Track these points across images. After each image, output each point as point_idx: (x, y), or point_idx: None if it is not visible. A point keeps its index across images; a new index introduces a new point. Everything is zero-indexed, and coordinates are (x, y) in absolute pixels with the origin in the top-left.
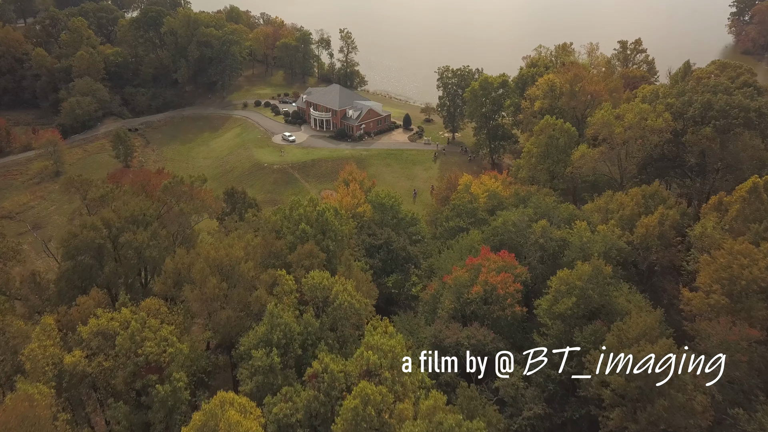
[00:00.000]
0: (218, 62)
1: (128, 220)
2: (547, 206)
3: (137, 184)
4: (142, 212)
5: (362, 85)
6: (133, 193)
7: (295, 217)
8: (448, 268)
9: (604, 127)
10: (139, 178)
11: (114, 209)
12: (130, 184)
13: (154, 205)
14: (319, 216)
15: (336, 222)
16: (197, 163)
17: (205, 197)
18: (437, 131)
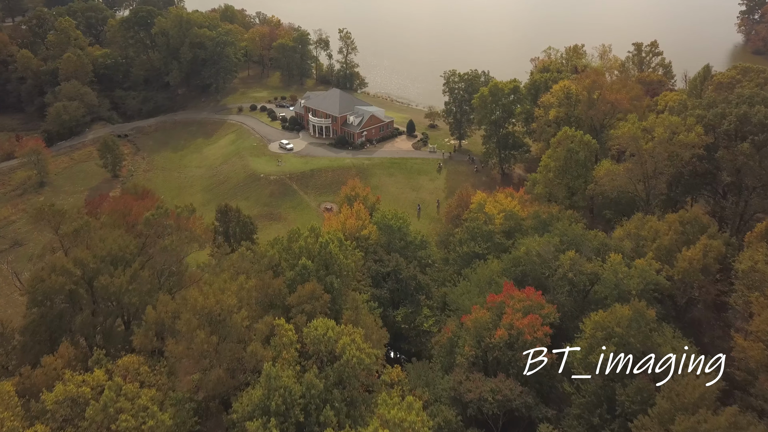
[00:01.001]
0: (212, 64)
1: (105, 259)
2: (575, 234)
3: (117, 212)
4: (121, 250)
5: (362, 87)
6: (112, 225)
7: (295, 250)
8: (466, 305)
9: (631, 142)
10: (120, 205)
11: (89, 246)
12: (110, 212)
13: (136, 241)
14: (322, 249)
15: (341, 255)
16: (189, 172)
17: (193, 227)
18: (442, 138)
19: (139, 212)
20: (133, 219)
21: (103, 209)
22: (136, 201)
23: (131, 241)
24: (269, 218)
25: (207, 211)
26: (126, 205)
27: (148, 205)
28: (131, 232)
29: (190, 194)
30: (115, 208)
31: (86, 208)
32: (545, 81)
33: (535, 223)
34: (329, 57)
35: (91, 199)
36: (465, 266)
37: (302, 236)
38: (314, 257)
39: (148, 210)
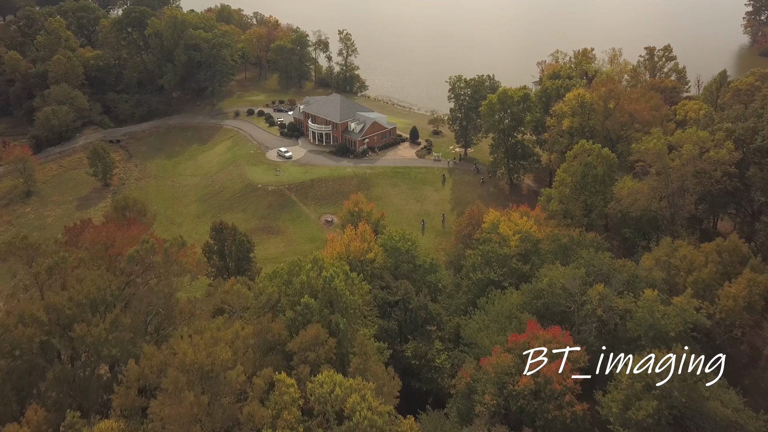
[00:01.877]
0: (208, 67)
1: (83, 303)
2: (602, 264)
3: (98, 244)
4: (101, 291)
5: (362, 90)
6: (93, 260)
7: (297, 286)
8: (485, 344)
9: (656, 160)
10: (101, 236)
11: (65, 286)
12: (90, 243)
13: (118, 280)
14: (326, 284)
15: (347, 291)
16: (183, 180)
17: (183, 260)
18: (447, 145)
19: (123, 244)
20: (116, 251)
21: (84, 239)
22: (120, 230)
23: (113, 280)
24: (267, 232)
25: (201, 224)
26: (109, 235)
27: (135, 235)
28: (114, 268)
29: (184, 205)
30: (97, 239)
31: (66, 235)
32: (557, 88)
33: (554, 247)
34: (329, 59)
35: (71, 226)
36: (479, 294)
37: (304, 269)
38: (317, 293)
39: (134, 240)
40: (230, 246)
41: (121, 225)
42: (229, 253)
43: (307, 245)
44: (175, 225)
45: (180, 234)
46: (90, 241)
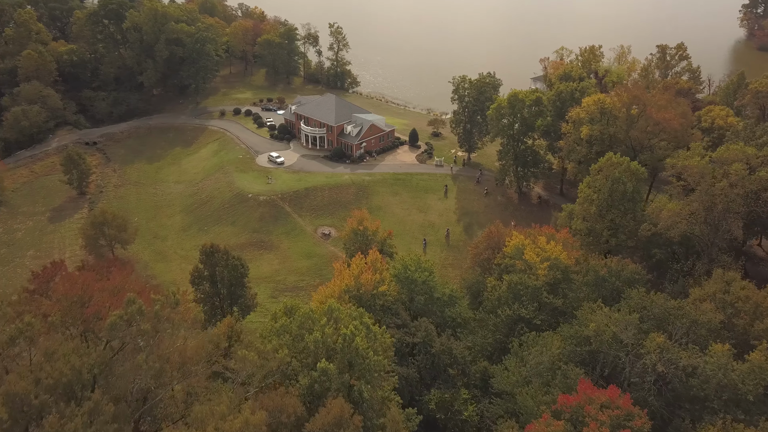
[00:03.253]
0: (191, 63)
1: (53, 389)
2: (656, 306)
3: (73, 299)
4: (76, 373)
5: (354, 86)
6: (65, 321)
7: (311, 346)
8: (528, 404)
9: (700, 180)
10: (76, 288)
11: (31, 366)
12: (63, 295)
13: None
14: (346, 344)
15: (371, 352)
16: (167, 188)
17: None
18: (448, 148)
19: (102, 299)
20: (94, 310)
21: (55, 288)
22: (98, 282)
23: (90, 355)
24: (260, 247)
25: (188, 238)
26: (85, 287)
27: (116, 285)
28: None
29: (167, 216)
30: (71, 292)
31: (34, 282)
32: (571, 92)
33: (590, 279)
34: (318, 54)
35: (40, 272)
36: (508, 332)
37: (318, 324)
38: (335, 352)
39: (115, 293)
40: (222, 271)
41: (99, 273)
42: (220, 278)
43: (303, 262)
44: (158, 239)
45: (173, 291)
46: (62, 292)
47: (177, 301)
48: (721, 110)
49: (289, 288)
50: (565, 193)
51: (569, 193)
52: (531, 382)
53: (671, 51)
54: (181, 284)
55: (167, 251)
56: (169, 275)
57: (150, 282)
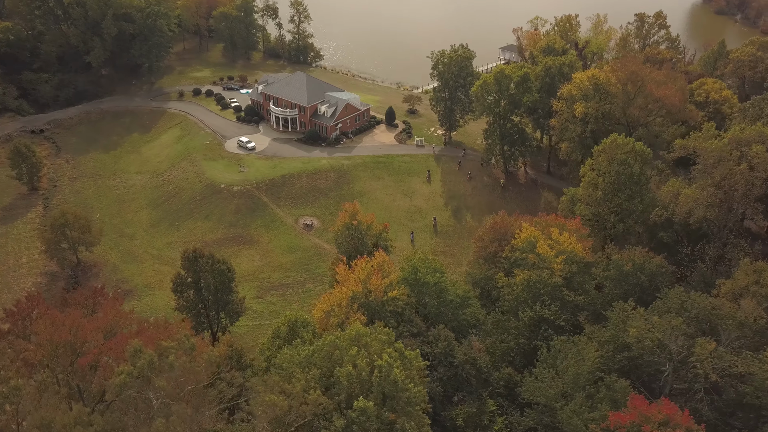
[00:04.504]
0: (143, 40)
1: None
2: (700, 308)
3: (63, 346)
4: None
5: (317, 60)
6: (55, 375)
7: (343, 382)
8: (574, 423)
9: (720, 164)
10: (64, 330)
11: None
12: (50, 342)
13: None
14: (383, 377)
15: (410, 383)
16: (128, 179)
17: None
18: (427, 127)
19: (96, 345)
20: (89, 359)
21: (36, 331)
22: (88, 320)
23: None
24: (238, 242)
25: (158, 235)
26: (75, 327)
27: (110, 322)
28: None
29: (132, 211)
30: (58, 337)
31: (8, 321)
32: (559, 66)
33: (613, 274)
34: (278, 27)
35: (14, 309)
36: (532, 336)
37: (348, 355)
38: (369, 386)
39: (109, 332)
40: (208, 278)
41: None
42: (206, 286)
43: (286, 256)
44: (125, 238)
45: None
46: (47, 337)
47: (193, 345)
48: (714, 83)
49: (275, 286)
50: (553, 171)
51: (557, 171)
52: (572, 396)
53: (649, 20)
54: (156, 288)
55: (136, 251)
56: (142, 278)
57: (121, 287)
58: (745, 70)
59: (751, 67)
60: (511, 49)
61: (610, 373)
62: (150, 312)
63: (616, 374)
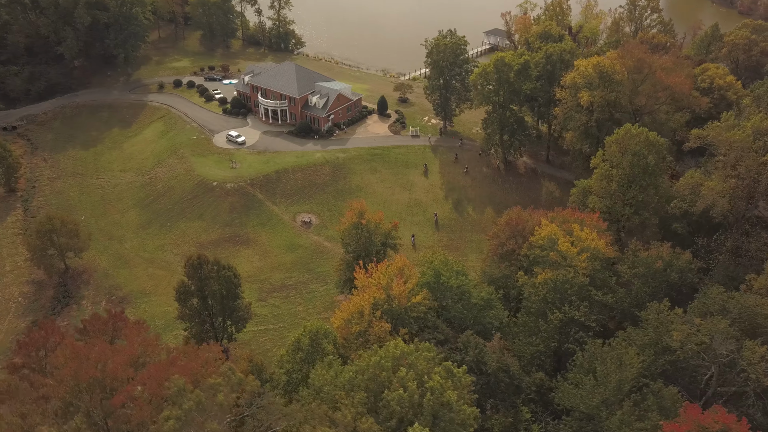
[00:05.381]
0: (118, 29)
1: None
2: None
3: (93, 384)
4: None
5: (299, 47)
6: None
7: (394, 406)
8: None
9: (744, 155)
10: (89, 366)
11: None
12: (74, 374)
13: None
14: (436, 399)
15: (464, 405)
16: (112, 178)
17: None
18: (420, 116)
19: (126, 379)
20: (124, 398)
21: (55, 364)
22: (116, 353)
23: None
24: (235, 242)
25: (149, 237)
26: (101, 360)
27: (136, 353)
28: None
29: (119, 212)
30: (83, 373)
31: (20, 354)
32: (560, 54)
33: (642, 271)
34: (258, 13)
35: (26, 340)
36: (562, 340)
37: (397, 377)
38: (420, 409)
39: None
40: (213, 284)
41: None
42: (211, 293)
43: (287, 256)
44: (114, 241)
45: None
46: (70, 373)
47: (240, 379)
48: (717, 68)
49: (277, 288)
50: (552, 160)
51: (555, 160)
52: (614, 403)
53: (641, 3)
54: (153, 294)
55: (128, 255)
56: (136, 284)
57: (115, 294)
58: (740, 53)
59: (746, 50)
60: (497, 34)
61: (655, 378)
62: (148, 320)
63: (661, 380)
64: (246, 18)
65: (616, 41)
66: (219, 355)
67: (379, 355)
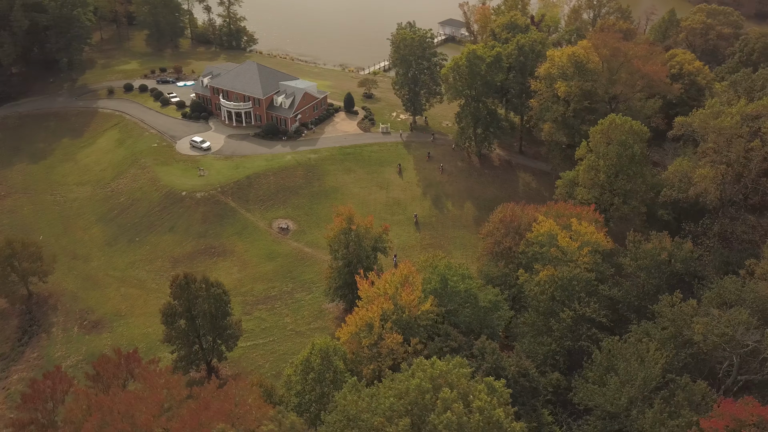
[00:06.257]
0: (59, 33)
1: None
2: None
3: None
4: None
5: (251, 44)
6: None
7: (440, 429)
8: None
9: (734, 142)
10: (113, 419)
11: None
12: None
13: None
14: (485, 420)
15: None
16: (69, 192)
17: None
18: (388, 111)
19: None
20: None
21: (73, 422)
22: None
23: None
24: (211, 254)
25: (117, 254)
26: (129, 414)
27: (159, 394)
28: None
29: (82, 228)
30: (110, 428)
31: (27, 407)
32: (531, 44)
33: (646, 263)
34: (207, 10)
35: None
36: (576, 338)
37: (443, 399)
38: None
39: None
40: (202, 304)
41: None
42: (200, 314)
43: (267, 265)
44: (79, 260)
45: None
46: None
47: (293, 423)
48: (684, 54)
49: (261, 300)
50: (525, 151)
51: (528, 151)
52: (645, 401)
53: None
54: (128, 315)
55: (96, 275)
56: (109, 305)
57: (87, 318)
58: (697, 38)
59: (702, 35)
60: (452, 24)
61: (680, 373)
62: (127, 344)
63: (687, 374)
64: (194, 16)
65: (577, 29)
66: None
67: (418, 377)
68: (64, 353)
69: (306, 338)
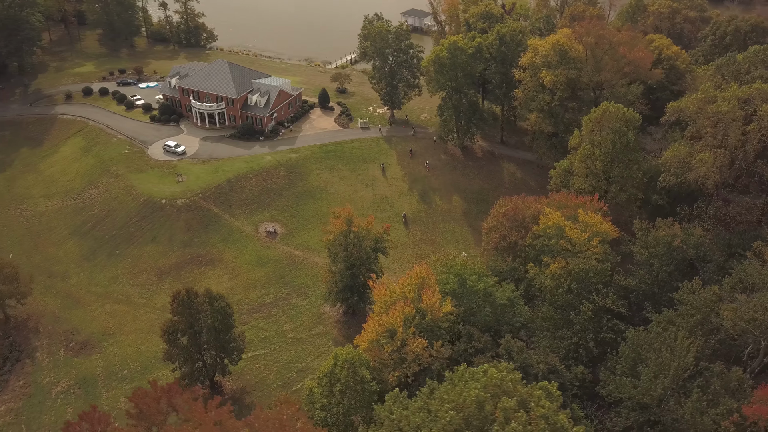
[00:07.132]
0: (8, 35)
1: None
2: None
3: None
4: None
5: (211, 41)
6: None
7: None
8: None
9: (732, 126)
10: None
11: None
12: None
13: None
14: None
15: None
16: (36, 206)
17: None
18: (364, 106)
19: None
20: None
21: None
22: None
23: None
24: (198, 263)
25: (98, 269)
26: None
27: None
28: None
29: (55, 244)
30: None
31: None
32: (512, 34)
33: (659, 250)
34: (163, 7)
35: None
36: (597, 330)
37: (502, 408)
38: None
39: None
40: (205, 319)
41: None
42: (204, 328)
43: (258, 271)
44: (56, 278)
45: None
46: None
47: None
48: (661, 38)
49: (256, 308)
50: (506, 141)
51: (510, 141)
52: (680, 390)
53: None
54: (117, 333)
55: (77, 292)
56: (95, 324)
57: (73, 340)
58: (664, 22)
59: (670, 19)
60: (416, 14)
61: (713, 360)
62: (121, 364)
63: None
64: (149, 13)
65: (546, 17)
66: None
67: (473, 386)
68: (52, 379)
69: (309, 345)
